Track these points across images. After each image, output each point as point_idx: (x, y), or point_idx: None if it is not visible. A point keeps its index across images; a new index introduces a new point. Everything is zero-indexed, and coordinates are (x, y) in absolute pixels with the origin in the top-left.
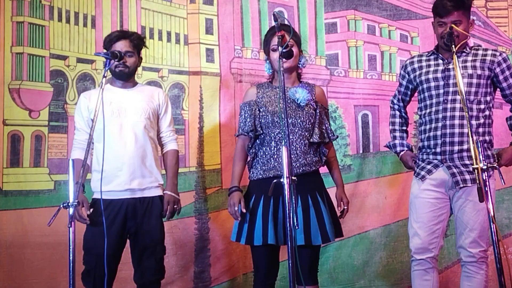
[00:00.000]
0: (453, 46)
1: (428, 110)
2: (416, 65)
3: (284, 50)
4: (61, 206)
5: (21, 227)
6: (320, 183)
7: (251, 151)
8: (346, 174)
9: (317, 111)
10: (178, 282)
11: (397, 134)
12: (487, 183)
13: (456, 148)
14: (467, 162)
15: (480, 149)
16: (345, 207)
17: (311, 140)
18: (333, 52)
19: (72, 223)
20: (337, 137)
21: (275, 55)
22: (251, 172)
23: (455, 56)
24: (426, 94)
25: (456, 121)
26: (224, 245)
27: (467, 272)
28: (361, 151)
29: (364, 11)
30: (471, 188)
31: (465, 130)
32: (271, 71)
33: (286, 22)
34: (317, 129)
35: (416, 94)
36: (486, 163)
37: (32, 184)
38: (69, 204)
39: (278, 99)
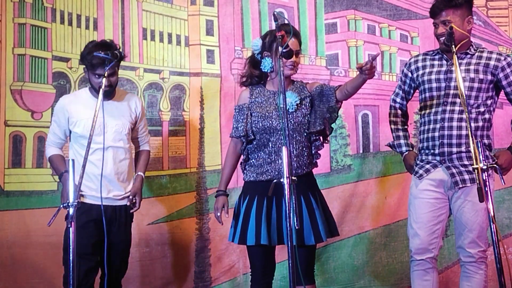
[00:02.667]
0: (453, 46)
1: (428, 111)
2: (420, 64)
3: (284, 50)
4: (61, 206)
5: (24, 228)
6: (312, 184)
7: (244, 152)
8: (346, 174)
9: (308, 104)
10: (179, 282)
11: (401, 133)
12: (487, 183)
13: (454, 149)
14: (466, 162)
15: (480, 149)
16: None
17: (311, 130)
18: (333, 52)
19: (72, 223)
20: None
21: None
22: (244, 174)
23: (455, 56)
24: (427, 94)
25: (455, 123)
26: (225, 245)
27: (466, 272)
28: (361, 151)
29: (364, 11)
30: (470, 188)
31: (463, 132)
32: (272, 69)
33: (286, 23)
34: (318, 119)
35: (417, 93)
36: (486, 163)
37: (35, 184)
38: (69, 204)
39: (278, 103)
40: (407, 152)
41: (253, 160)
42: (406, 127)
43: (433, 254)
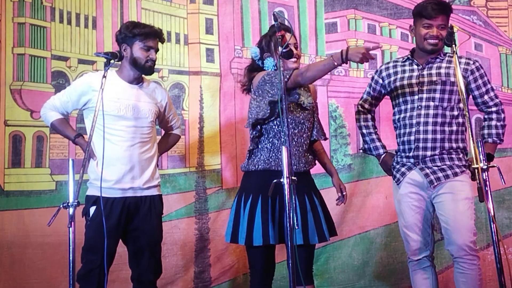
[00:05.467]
0: (454, 45)
1: (402, 115)
2: (391, 71)
3: (284, 50)
4: (61, 206)
5: (23, 227)
6: (313, 183)
7: (258, 139)
8: (346, 173)
9: (314, 108)
10: (178, 282)
11: (374, 136)
12: (488, 183)
13: (428, 153)
14: (439, 163)
15: (480, 148)
16: (344, 193)
17: (313, 138)
18: (334, 51)
19: (72, 223)
20: (325, 136)
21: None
22: (249, 161)
23: (455, 56)
24: (401, 99)
25: (430, 127)
26: (224, 245)
27: (459, 268)
28: (361, 151)
29: (364, 10)
30: (444, 183)
31: (438, 136)
32: (275, 68)
33: (286, 22)
34: (317, 126)
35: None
36: (486, 163)
37: (34, 184)
38: (69, 204)
39: (278, 99)
40: (384, 154)
41: (260, 146)
42: (376, 130)
43: (429, 252)
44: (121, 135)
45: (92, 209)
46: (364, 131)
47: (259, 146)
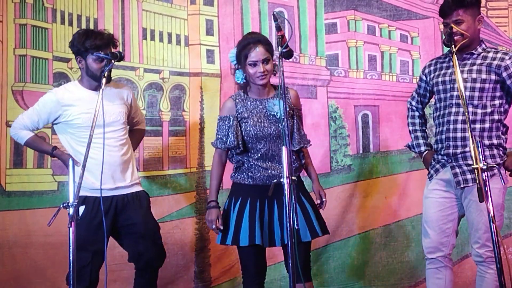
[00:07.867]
0: (453, 46)
1: (437, 113)
2: (432, 68)
3: (284, 50)
4: (61, 206)
5: (24, 228)
6: (301, 186)
7: (234, 158)
8: (346, 174)
9: (294, 117)
10: (179, 282)
11: (419, 134)
12: (487, 183)
13: (459, 150)
14: (471, 162)
15: (480, 149)
16: (324, 199)
17: (292, 148)
18: (333, 52)
19: (72, 223)
20: (309, 142)
21: (252, 70)
22: (236, 174)
23: (455, 56)
24: (437, 97)
25: (459, 125)
26: (224, 245)
27: (479, 271)
28: (361, 151)
29: (364, 11)
30: (472, 187)
31: (467, 134)
32: (244, 80)
33: (286, 22)
34: (296, 136)
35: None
36: (486, 163)
37: (36, 184)
38: (69, 204)
39: (279, 109)
40: (426, 152)
41: (245, 164)
42: (424, 128)
43: (444, 253)
44: (99, 142)
45: (82, 209)
46: (410, 128)
47: (245, 165)
